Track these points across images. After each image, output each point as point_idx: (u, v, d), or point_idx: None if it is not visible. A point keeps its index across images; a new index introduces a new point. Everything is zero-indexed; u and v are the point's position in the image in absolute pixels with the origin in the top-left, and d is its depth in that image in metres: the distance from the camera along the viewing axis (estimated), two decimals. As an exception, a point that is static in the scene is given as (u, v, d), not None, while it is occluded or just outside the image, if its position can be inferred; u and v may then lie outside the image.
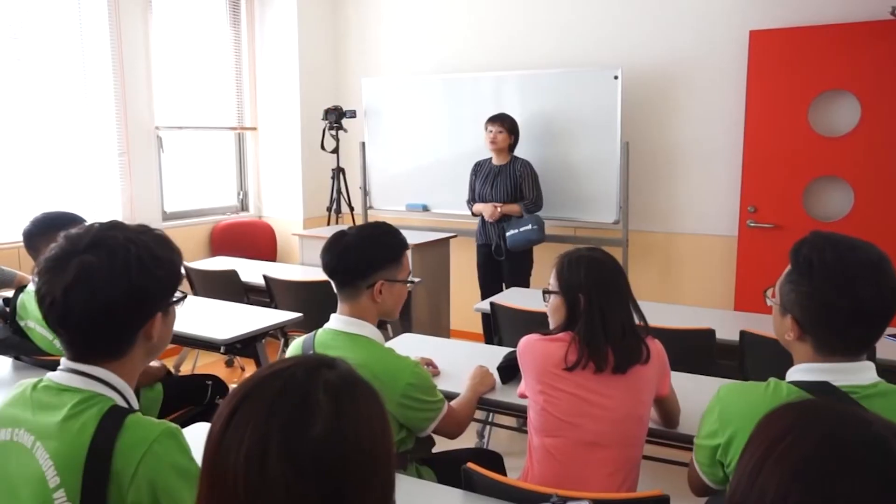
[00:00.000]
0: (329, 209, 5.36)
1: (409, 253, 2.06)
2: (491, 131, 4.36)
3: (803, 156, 4.17)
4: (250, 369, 4.57)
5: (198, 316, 3.19)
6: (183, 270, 4.25)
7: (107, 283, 1.18)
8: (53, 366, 2.42)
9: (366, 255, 1.89)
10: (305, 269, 4.45)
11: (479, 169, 4.52)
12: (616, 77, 4.38)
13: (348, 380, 0.80)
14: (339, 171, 5.34)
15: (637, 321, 1.87)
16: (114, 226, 1.27)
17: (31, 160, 4.32)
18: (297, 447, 0.72)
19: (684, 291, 4.66)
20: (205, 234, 5.44)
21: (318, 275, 4.02)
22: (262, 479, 0.71)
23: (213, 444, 0.76)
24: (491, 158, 4.46)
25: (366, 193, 5.46)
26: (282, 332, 3.63)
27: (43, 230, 2.47)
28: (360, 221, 5.45)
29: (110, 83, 4.70)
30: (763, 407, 0.86)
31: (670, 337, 2.17)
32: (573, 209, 4.67)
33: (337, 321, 1.90)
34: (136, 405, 1.25)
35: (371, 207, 5.48)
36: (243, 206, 5.86)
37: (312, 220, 5.62)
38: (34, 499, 1.13)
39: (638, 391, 1.82)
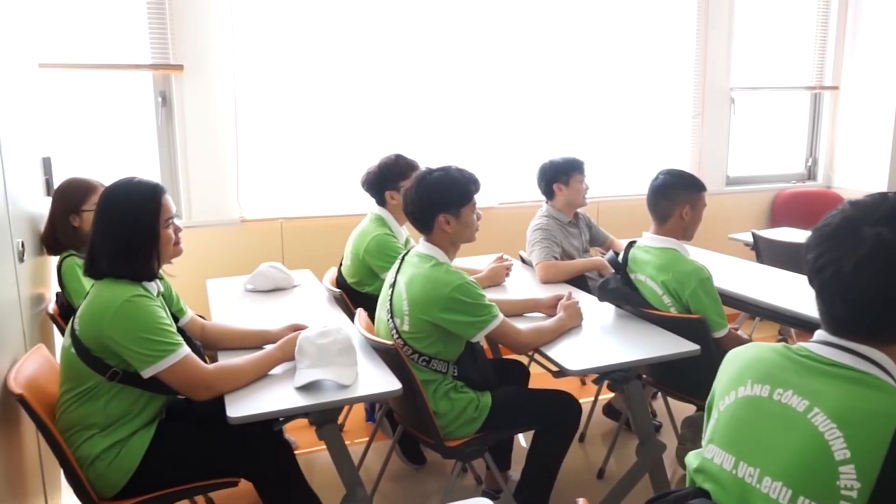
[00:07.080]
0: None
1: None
2: None
3: None
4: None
5: (765, 285, 3.05)
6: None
7: None
8: (654, 319, 2.52)
9: None
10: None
11: None
12: None
13: None
14: (947, 138, 4.41)
15: None
16: None
17: (617, 122, 4.63)
18: None
19: None
20: (766, 202, 5.14)
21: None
22: None
23: None
24: None
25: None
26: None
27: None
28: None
29: (692, 46, 4.71)
30: None
31: None
32: None
33: None
34: None
35: None
36: (810, 175, 5.34)
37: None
38: (811, 468, 1.06)
39: None
